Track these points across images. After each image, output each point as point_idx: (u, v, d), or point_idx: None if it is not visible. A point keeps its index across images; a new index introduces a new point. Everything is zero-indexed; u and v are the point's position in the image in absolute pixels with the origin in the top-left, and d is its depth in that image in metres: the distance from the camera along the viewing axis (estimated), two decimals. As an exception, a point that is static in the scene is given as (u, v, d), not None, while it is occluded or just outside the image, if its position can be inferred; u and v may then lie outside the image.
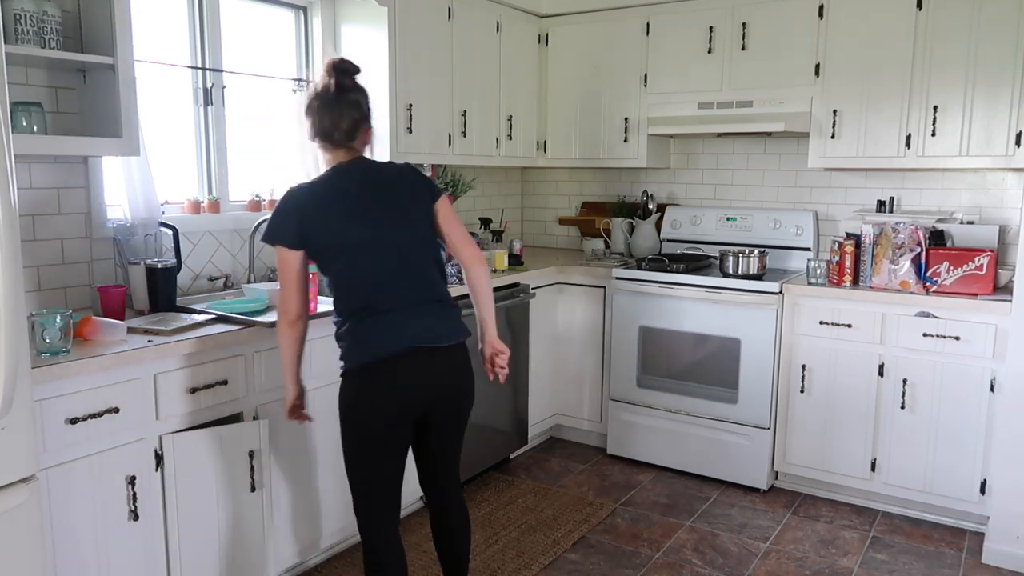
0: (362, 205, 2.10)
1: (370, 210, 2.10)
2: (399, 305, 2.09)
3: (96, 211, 2.62)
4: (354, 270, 2.09)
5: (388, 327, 2.06)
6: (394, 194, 2.14)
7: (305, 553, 2.80)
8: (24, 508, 1.77)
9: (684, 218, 4.23)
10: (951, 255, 3.18)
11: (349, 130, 2.14)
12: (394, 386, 2.06)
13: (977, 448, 3.12)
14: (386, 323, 2.07)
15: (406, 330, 2.07)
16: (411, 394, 2.09)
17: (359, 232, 2.08)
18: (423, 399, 2.13)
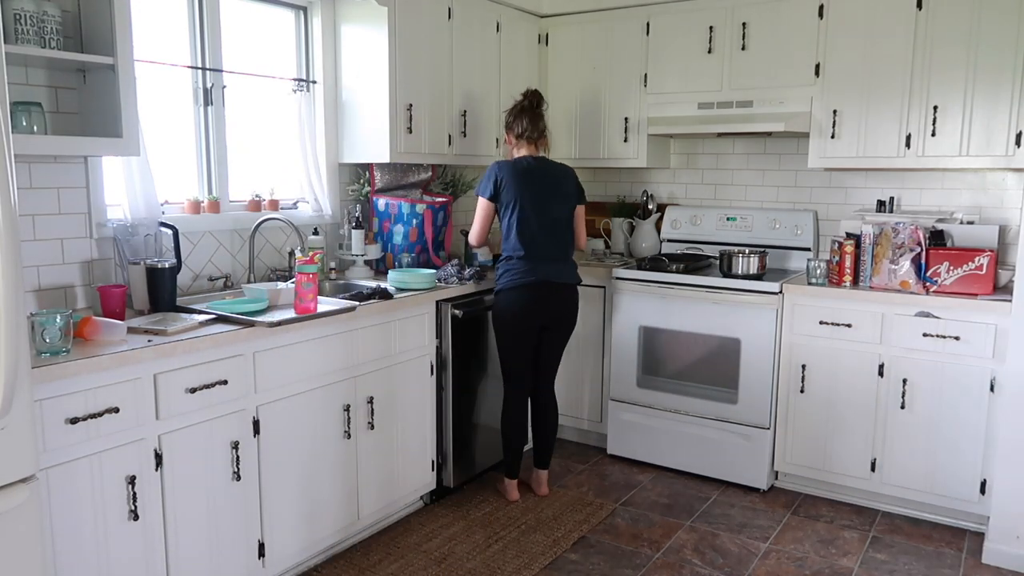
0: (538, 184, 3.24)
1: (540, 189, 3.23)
2: (540, 254, 3.24)
3: (96, 211, 2.62)
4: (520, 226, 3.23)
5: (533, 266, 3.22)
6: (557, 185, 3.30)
7: (305, 553, 2.80)
8: (24, 508, 1.77)
9: (684, 218, 4.22)
10: (951, 255, 3.18)
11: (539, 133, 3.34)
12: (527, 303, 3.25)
13: (977, 448, 3.12)
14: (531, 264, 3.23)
15: (542, 269, 3.23)
16: (537, 309, 3.27)
17: (531, 200, 3.21)
18: (544, 314, 3.30)
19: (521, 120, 3.29)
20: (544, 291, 3.24)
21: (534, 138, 3.31)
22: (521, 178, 3.22)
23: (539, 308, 3.26)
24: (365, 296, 2.96)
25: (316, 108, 3.51)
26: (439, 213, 3.68)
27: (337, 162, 3.60)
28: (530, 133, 3.29)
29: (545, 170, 3.28)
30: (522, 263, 3.23)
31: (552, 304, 3.29)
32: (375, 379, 2.99)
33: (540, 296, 3.24)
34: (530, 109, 3.31)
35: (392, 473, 3.13)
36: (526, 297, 3.23)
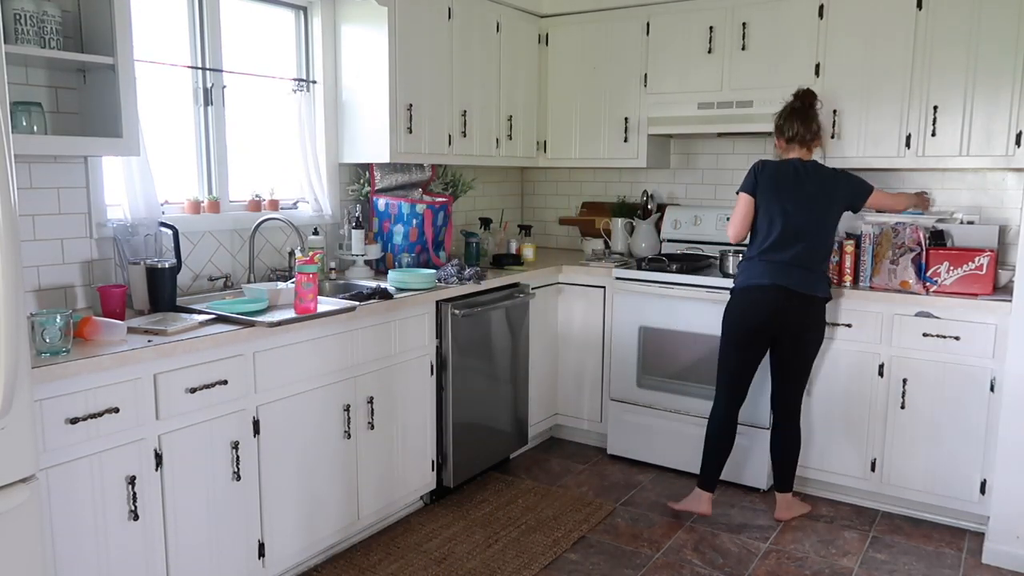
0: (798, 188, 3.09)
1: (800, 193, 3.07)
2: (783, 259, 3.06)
3: (96, 211, 2.62)
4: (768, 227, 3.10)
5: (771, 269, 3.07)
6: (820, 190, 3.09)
7: (305, 553, 2.80)
8: (24, 508, 1.77)
9: (684, 218, 4.23)
10: (951, 255, 3.18)
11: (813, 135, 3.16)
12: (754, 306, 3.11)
13: (977, 448, 3.12)
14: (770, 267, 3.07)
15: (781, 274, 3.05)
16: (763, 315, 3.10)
17: (786, 202, 3.07)
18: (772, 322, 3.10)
19: (792, 123, 3.13)
20: (777, 297, 3.04)
21: (807, 140, 3.13)
22: (781, 179, 3.09)
23: (767, 314, 3.07)
24: (365, 296, 2.96)
25: (316, 108, 3.51)
26: (439, 213, 3.68)
27: (337, 162, 3.60)
28: (802, 136, 3.12)
29: (811, 174, 3.09)
30: (761, 265, 3.08)
31: (785, 313, 3.05)
32: (375, 379, 2.99)
33: (770, 301, 3.05)
34: (802, 110, 3.14)
35: (392, 473, 3.13)
36: (754, 300, 3.08)
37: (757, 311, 3.09)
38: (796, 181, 3.09)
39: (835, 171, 3.17)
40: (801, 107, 3.16)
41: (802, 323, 3.09)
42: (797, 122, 3.13)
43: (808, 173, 3.11)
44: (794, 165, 3.13)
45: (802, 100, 3.18)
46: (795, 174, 3.10)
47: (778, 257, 3.06)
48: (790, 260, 3.04)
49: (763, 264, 3.08)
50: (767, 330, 3.10)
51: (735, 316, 3.15)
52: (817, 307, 3.10)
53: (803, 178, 3.09)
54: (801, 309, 3.06)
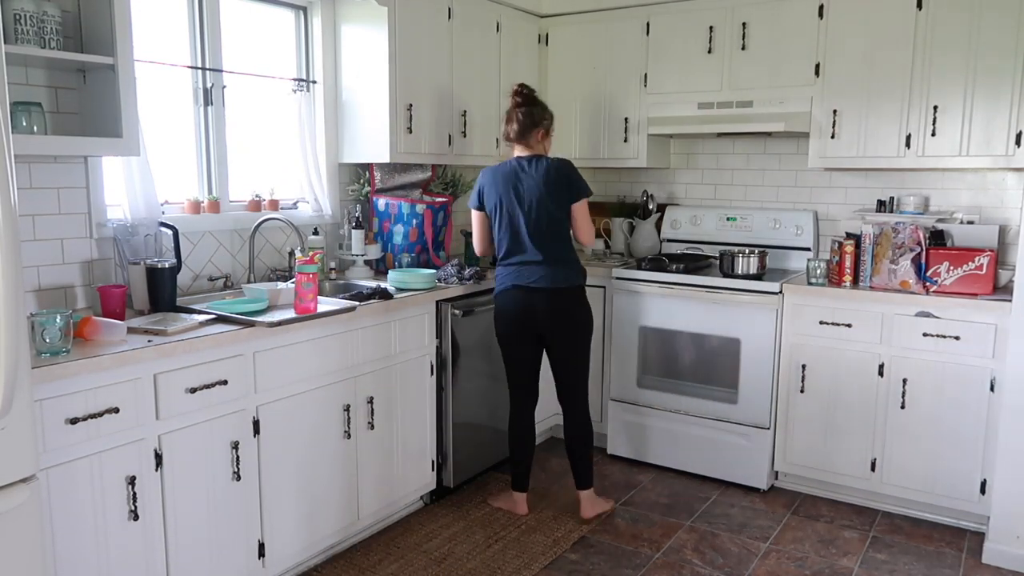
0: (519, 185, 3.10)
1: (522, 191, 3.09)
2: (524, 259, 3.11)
3: (96, 211, 2.62)
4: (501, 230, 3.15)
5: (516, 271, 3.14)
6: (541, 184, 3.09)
7: (305, 553, 2.80)
8: (24, 508, 1.77)
9: (684, 218, 4.23)
10: (951, 255, 3.18)
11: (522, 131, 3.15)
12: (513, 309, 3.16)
13: (977, 448, 3.12)
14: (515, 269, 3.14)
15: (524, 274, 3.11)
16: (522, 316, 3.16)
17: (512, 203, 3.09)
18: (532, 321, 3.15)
19: (508, 122, 3.17)
20: (529, 297, 3.11)
21: (524, 138, 3.15)
22: (501, 182, 3.12)
23: (525, 315, 3.14)
24: (365, 296, 2.96)
25: (316, 108, 3.51)
26: (439, 213, 3.68)
27: (337, 162, 3.60)
28: (516, 134, 3.14)
29: (529, 170, 3.10)
30: (507, 268, 3.16)
31: (539, 311, 3.12)
32: (375, 379, 2.99)
33: (525, 302, 3.12)
34: (515, 108, 3.16)
35: (392, 473, 3.13)
36: (511, 303, 3.15)
37: (515, 314, 3.16)
38: (518, 178, 3.10)
39: (555, 161, 3.14)
40: (516, 105, 3.16)
41: (556, 317, 3.13)
42: (513, 120, 3.14)
43: (528, 168, 3.11)
44: (512, 164, 3.14)
45: (516, 98, 3.18)
46: (516, 172, 3.12)
47: (521, 258, 3.12)
48: (532, 259, 3.10)
49: (509, 268, 3.15)
50: (527, 329, 3.17)
51: (499, 321, 3.22)
52: (566, 299, 3.13)
53: (523, 175, 3.11)
54: (552, 304, 3.11)
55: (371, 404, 2.97)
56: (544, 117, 3.19)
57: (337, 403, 2.83)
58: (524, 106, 3.15)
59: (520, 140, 3.15)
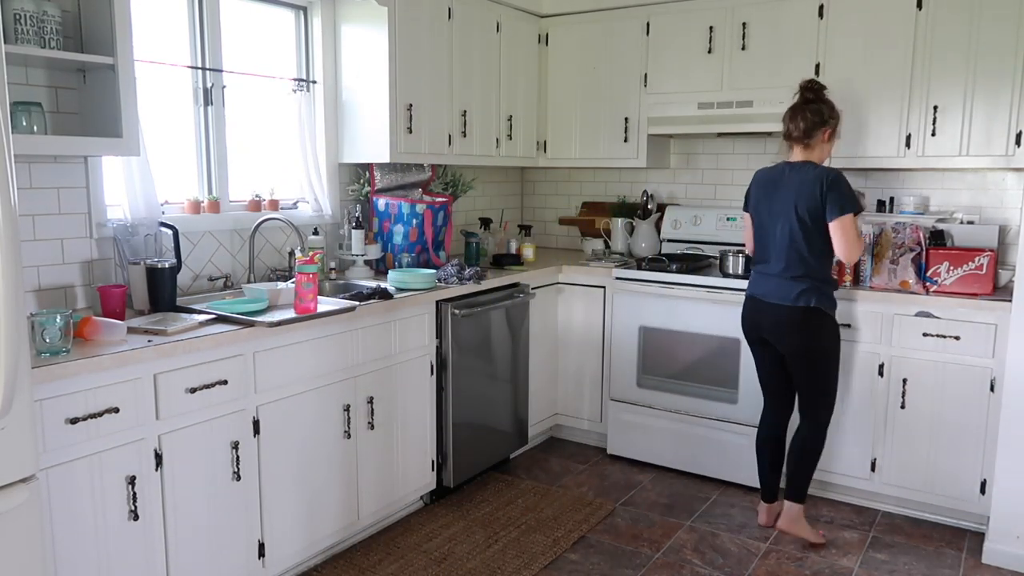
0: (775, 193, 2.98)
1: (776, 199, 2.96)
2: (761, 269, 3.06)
3: (96, 211, 2.62)
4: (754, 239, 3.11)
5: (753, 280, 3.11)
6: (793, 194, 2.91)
7: (305, 553, 2.80)
8: (24, 508, 1.77)
9: (684, 218, 4.22)
10: (951, 255, 3.18)
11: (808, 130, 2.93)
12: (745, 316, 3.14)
13: (977, 448, 3.12)
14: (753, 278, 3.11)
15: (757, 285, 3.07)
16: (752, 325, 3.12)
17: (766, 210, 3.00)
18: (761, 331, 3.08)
19: (793, 119, 2.93)
20: (756, 308, 3.05)
21: (809, 137, 2.91)
22: (761, 187, 3.03)
23: (753, 325, 3.10)
24: (365, 296, 2.96)
25: (316, 108, 3.51)
26: (439, 213, 3.68)
27: (337, 162, 3.60)
28: (802, 132, 2.91)
29: (789, 178, 2.91)
30: (752, 275, 3.12)
31: (764, 324, 3.02)
32: (375, 379, 2.99)
33: (753, 313, 3.08)
34: (804, 104, 2.92)
35: (392, 473, 3.13)
36: (745, 311, 3.14)
37: (747, 321, 3.14)
38: (776, 186, 2.96)
39: (813, 171, 2.89)
40: (802, 102, 2.94)
41: (780, 332, 2.98)
42: (797, 117, 2.92)
43: (789, 176, 2.92)
44: (778, 170, 3.00)
45: (803, 94, 2.97)
46: (775, 179, 2.97)
47: (760, 268, 3.06)
48: (766, 270, 3.02)
49: (753, 275, 3.12)
50: (758, 338, 3.11)
51: (743, 325, 3.18)
52: (790, 316, 2.93)
53: (781, 182, 2.94)
54: (776, 320, 2.97)
55: (371, 404, 2.97)
56: (832, 116, 2.93)
57: (337, 403, 2.83)
58: (814, 103, 2.91)
59: (803, 140, 2.92)
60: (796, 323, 2.93)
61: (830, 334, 2.98)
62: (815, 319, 2.92)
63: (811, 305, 2.90)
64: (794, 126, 2.92)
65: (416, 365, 3.20)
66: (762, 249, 3.05)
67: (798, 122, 2.91)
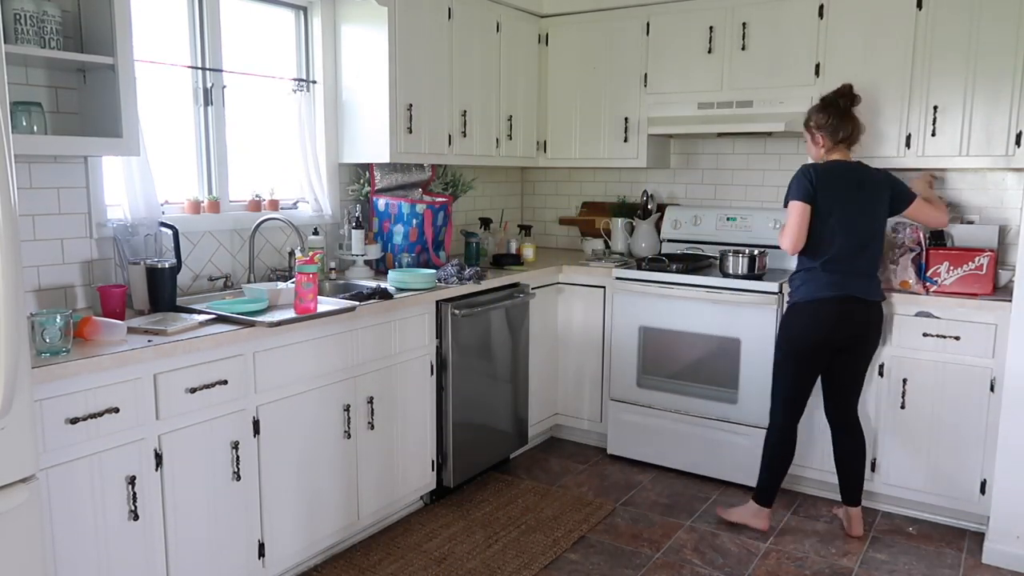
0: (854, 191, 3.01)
1: (856, 197, 3.01)
2: (847, 268, 3.01)
3: (96, 211, 2.62)
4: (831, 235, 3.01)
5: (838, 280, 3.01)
6: (873, 193, 3.03)
7: (305, 553, 2.80)
8: (24, 508, 1.77)
9: (684, 218, 4.22)
10: (951, 255, 3.18)
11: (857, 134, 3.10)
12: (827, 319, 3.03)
13: (977, 448, 3.12)
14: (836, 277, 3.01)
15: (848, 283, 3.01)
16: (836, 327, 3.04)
17: (845, 208, 2.99)
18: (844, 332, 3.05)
19: (845, 122, 3.02)
20: (849, 306, 2.97)
21: (854, 141, 3.07)
22: (837, 183, 2.98)
23: (839, 325, 2.99)
24: (365, 296, 2.96)
25: (316, 108, 3.51)
26: (439, 213, 3.69)
27: (337, 162, 3.60)
28: (847, 136, 3.03)
29: (861, 177, 3.00)
30: (826, 275, 2.98)
31: (855, 321, 3.00)
32: (375, 379, 2.99)
33: (843, 312, 2.98)
34: (847, 109, 3.05)
35: (392, 473, 3.13)
36: (826, 312, 2.98)
37: (828, 324, 2.99)
38: (853, 183, 2.98)
39: (878, 171, 3.08)
40: (846, 106, 3.05)
41: (868, 328, 3.03)
42: (849, 122, 3.03)
43: (859, 175, 3.01)
44: (848, 167, 3.02)
45: (849, 99, 3.07)
46: (849, 176, 3.00)
47: (844, 267, 2.97)
48: (855, 268, 2.98)
49: (830, 275, 2.98)
50: (833, 342, 3.02)
51: (800, 329, 3.04)
52: (878, 312, 3.05)
53: (857, 181, 2.99)
54: (868, 315, 3.02)
55: (371, 404, 2.97)
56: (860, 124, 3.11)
57: (337, 403, 2.83)
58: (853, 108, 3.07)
59: (851, 144, 3.07)
60: (880, 319, 3.08)
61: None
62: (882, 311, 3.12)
63: (883, 298, 3.10)
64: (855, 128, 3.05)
65: (416, 365, 3.20)
66: (828, 246, 2.97)
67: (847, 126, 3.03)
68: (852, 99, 3.07)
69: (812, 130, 3.09)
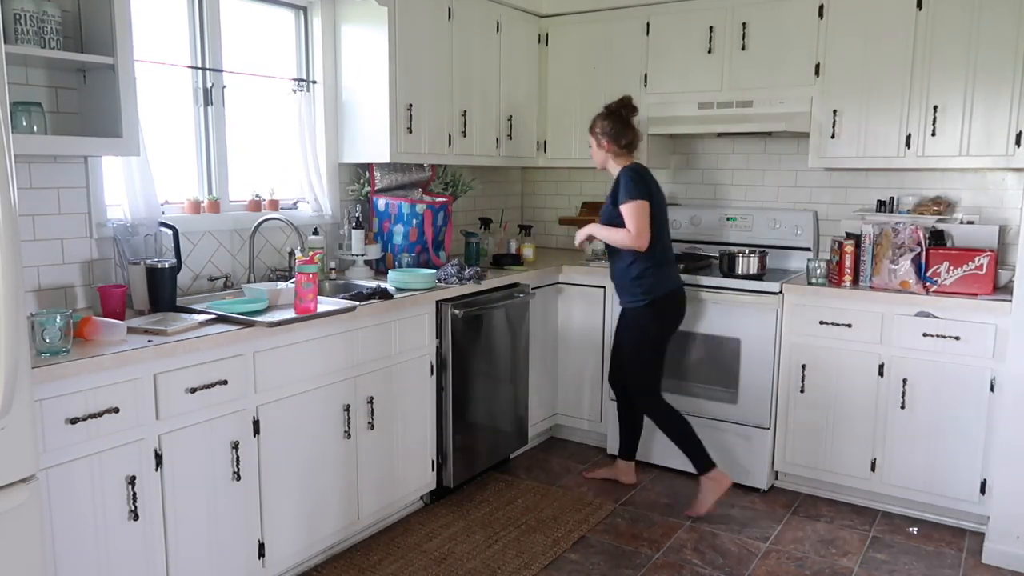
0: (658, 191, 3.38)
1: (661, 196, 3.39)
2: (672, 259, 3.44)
3: (96, 211, 2.62)
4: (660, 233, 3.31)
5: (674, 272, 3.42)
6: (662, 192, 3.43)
7: (305, 553, 2.80)
8: (24, 508, 1.77)
9: (684, 218, 4.22)
10: (951, 255, 3.18)
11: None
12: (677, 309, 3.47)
13: (977, 448, 3.12)
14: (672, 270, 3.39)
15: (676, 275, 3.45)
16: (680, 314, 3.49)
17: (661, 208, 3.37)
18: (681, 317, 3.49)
19: (627, 131, 3.31)
20: (682, 295, 3.41)
21: (634, 147, 3.36)
22: (654, 187, 3.30)
23: (682, 310, 3.41)
24: (365, 296, 2.96)
25: (316, 108, 3.51)
26: (439, 213, 3.68)
27: (337, 162, 3.60)
28: (628, 142, 3.32)
29: (655, 180, 3.35)
30: (666, 270, 3.34)
31: (684, 307, 3.44)
32: (375, 379, 2.99)
33: (682, 300, 3.41)
34: (627, 119, 3.34)
35: (392, 473, 3.13)
36: (674, 303, 3.37)
37: (678, 313, 3.40)
38: (659, 188, 3.33)
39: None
40: (628, 115, 3.34)
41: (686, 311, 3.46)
42: (630, 129, 3.32)
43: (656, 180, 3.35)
44: (648, 170, 3.34)
45: (629, 109, 3.35)
46: (653, 178, 3.32)
47: (670, 258, 3.38)
48: (674, 259, 3.41)
49: (666, 268, 3.33)
50: (677, 325, 3.44)
51: (664, 324, 3.37)
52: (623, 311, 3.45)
53: (655, 181, 3.33)
54: (685, 301, 3.44)
55: (371, 404, 2.97)
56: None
57: (337, 403, 2.83)
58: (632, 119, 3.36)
59: (633, 150, 3.36)
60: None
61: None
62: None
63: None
64: (634, 137, 3.34)
65: (416, 365, 3.20)
66: (662, 242, 3.29)
67: (629, 133, 3.32)
68: (632, 110, 3.36)
69: (598, 136, 3.34)
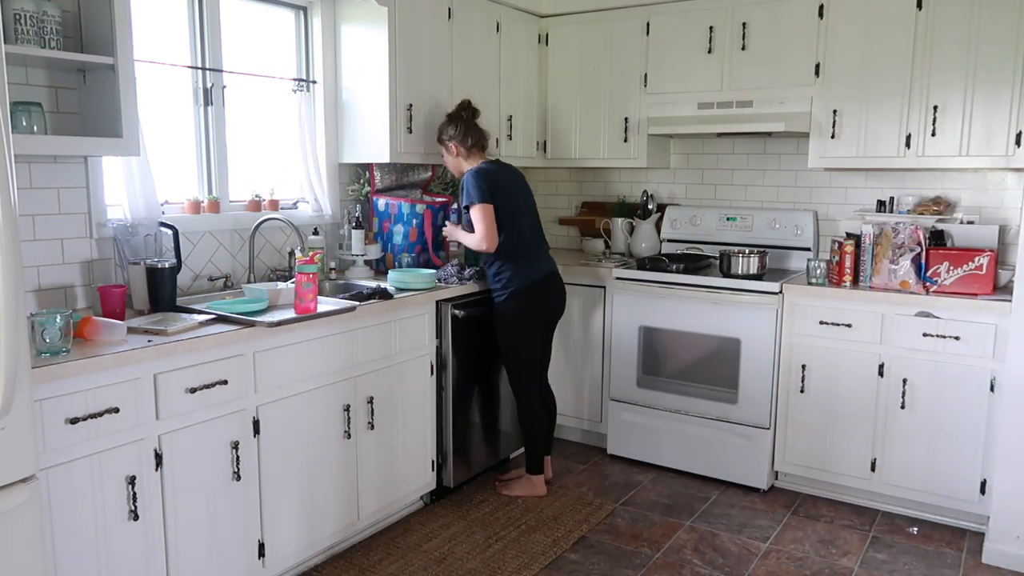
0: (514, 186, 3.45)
1: (518, 191, 3.48)
2: (537, 251, 3.47)
3: (96, 211, 2.62)
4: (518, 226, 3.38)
5: (537, 263, 3.44)
6: (525, 184, 3.55)
7: (305, 553, 2.80)
8: (24, 508, 1.77)
9: (684, 218, 4.22)
10: (951, 255, 3.18)
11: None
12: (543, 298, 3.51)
13: (977, 448, 3.12)
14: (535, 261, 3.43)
15: (544, 265, 3.48)
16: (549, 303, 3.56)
17: (517, 201, 3.43)
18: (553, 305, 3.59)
19: (472, 132, 3.39)
20: (553, 283, 3.45)
21: (484, 146, 3.45)
22: (503, 182, 3.34)
23: (551, 301, 3.47)
24: (365, 296, 2.96)
25: (316, 108, 3.52)
26: (439, 213, 3.68)
27: (337, 162, 3.60)
28: (476, 142, 3.40)
29: (511, 173, 3.42)
30: (526, 262, 3.35)
31: (557, 295, 3.49)
32: (375, 379, 2.99)
33: (551, 289, 3.45)
34: (470, 120, 3.41)
35: (392, 473, 3.13)
36: (540, 293, 3.40)
37: (544, 303, 3.45)
38: (510, 181, 3.39)
39: (511, 165, 3.50)
40: (471, 117, 3.42)
41: (563, 298, 3.56)
42: (475, 130, 3.40)
43: (509, 172, 3.42)
44: (501, 165, 3.42)
45: (470, 112, 3.43)
46: (506, 175, 3.38)
47: (533, 251, 3.42)
48: (541, 251, 3.47)
49: (529, 261, 3.38)
50: (551, 313, 3.53)
51: (528, 314, 3.40)
52: (561, 280, 3.55)
53: (512, 178, 3.41)
54: (562, 287, 3.54)
55: (371, 404, 2.97)
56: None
57: (337, 403, 2.83)
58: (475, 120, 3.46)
59: (485, 149, 3.46)
60: (564, 287, 3.57)
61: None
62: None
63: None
64: (482, 138, 3.43)
65: (416, 365, 3.20)
66: (519, 235, 3.34)
67: (475, 134, 3.40)
68: (473, 112, 3.44)
69: (446, 142, 3.41)
